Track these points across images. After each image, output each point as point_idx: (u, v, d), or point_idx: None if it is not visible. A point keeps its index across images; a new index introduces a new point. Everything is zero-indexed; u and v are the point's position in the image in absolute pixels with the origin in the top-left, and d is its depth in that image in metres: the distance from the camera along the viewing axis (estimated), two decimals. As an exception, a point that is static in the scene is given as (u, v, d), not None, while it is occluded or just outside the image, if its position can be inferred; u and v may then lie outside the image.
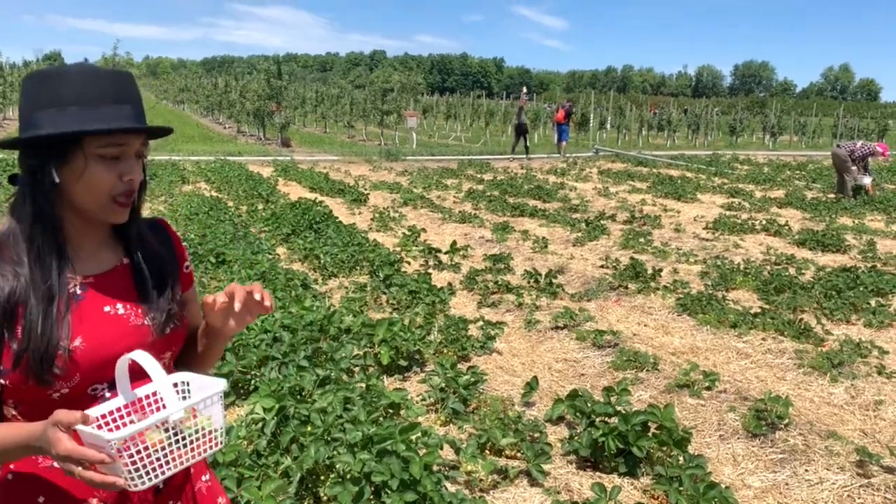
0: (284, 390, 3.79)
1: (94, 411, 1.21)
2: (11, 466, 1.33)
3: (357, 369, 4.61)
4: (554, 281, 6.88)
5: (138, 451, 1.12)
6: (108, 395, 1.31)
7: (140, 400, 1.28)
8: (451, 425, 4.08)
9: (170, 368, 1.44)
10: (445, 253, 8.10)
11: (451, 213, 11.06)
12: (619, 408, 3.88)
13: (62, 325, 1.25)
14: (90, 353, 1.28)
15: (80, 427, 1.11)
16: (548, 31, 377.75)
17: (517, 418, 3.92)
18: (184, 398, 1.30)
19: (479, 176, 16.50)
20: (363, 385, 4.12)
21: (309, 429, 3.40)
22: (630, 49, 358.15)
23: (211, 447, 1.23)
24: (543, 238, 9.10)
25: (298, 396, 3.95)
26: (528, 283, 6.96)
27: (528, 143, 22.09)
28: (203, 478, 1.53)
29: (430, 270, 7.46)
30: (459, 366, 4.68)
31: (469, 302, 6.57)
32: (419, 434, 3.35)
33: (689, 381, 4.65)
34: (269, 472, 3.21)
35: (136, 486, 1.14)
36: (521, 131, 21.73)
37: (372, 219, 10.42)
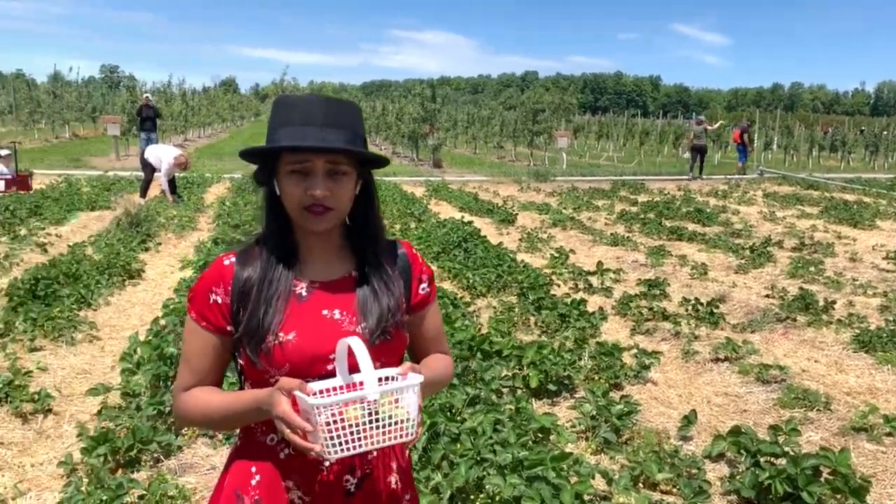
0: (436, 407, 3.83)
1: (314, 385, 1.35)
2: (239, 442, 1.54)
3: (506, 390, 4.60)
4: (715, 310, 6.54)
5: (335, 422, 1.25)
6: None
7: (355, 385, 1.37)
8: (602, 455, 3.96)
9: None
10: (593, 274, 7.93)
11: (602, 235, 10.85)
12: (786, 448, 3.61)
13: (276, 316, 1.43)
14: (300, 347, 1.42)
15: (297, 392, 1.29)
16: (708, 47, 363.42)
17: (673, 452, 3.74)
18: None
19: (632, 197, 16.10)
20: (512, 407, 4.10)
21: (459, 447, 3.42)
22: (799, 65, 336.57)
23: (402, 436, 1.31)
24: (703, 264, 8.70)
25: (449, 413, 3.99)
26: (687, 310, 6.67)
27: (703, 165, 21.70)
28: (406, 496, 1.58)
29: (580, 294, 7.33)
30: (612, 394, 4.55)
31: (621, 328, 6.39)
32: (571, 462, 3.28)
33: (867, 424, 4.25)
34: (421, 486, 3.25)
35: (329, 454, 1.26)
36: (700, 151, 21.46)
37: (520, 239, 10.42)
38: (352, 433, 1.26)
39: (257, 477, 1.47)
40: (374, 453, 1.50)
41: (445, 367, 1.62)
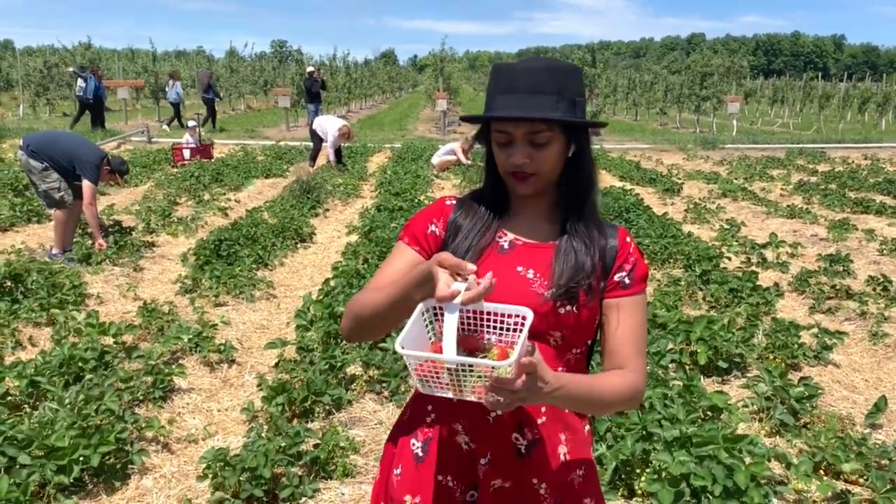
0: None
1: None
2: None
3: (672, 366, 4.43)
4: (907, 289, 5.94)
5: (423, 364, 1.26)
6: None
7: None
8: (778, 438, 3.72)
9: (562, 352, 1.49)
10: (766, 247, 7.43)
11: (776, 206, 10.14)
12: None
13: (474, 259, 1.47)
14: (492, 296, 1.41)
15: (398, 348, 1.24)
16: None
17: (861, 440, 3.45)
18: (512, 330, 1.32)
19: (811, 167, 14.92)
20: (680, 383, 3.93)
21: (626, 420, 3.33)
22: None
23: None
24: (893, 239, 7.92)
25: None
26: (874, 289, 6.11)
27: None
28: (578, 471, 1.54)
29: (753, 268, 6.90)
30: (789, 375, 4.25)
31: (799, 306, 5.96)
32: (745, 443, 3.10)
33: None
34: (584, 458, 3.20)
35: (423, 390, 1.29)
36: None
37: (686, 210, 9.95)
38: (438, 377, 1.26)
39: (433, 415, 1.52)
40: (543, 419, 1.48)
41: (614, 386, 1.42)
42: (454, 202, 1.59)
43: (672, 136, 21.84)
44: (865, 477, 3.28)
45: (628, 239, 1.55)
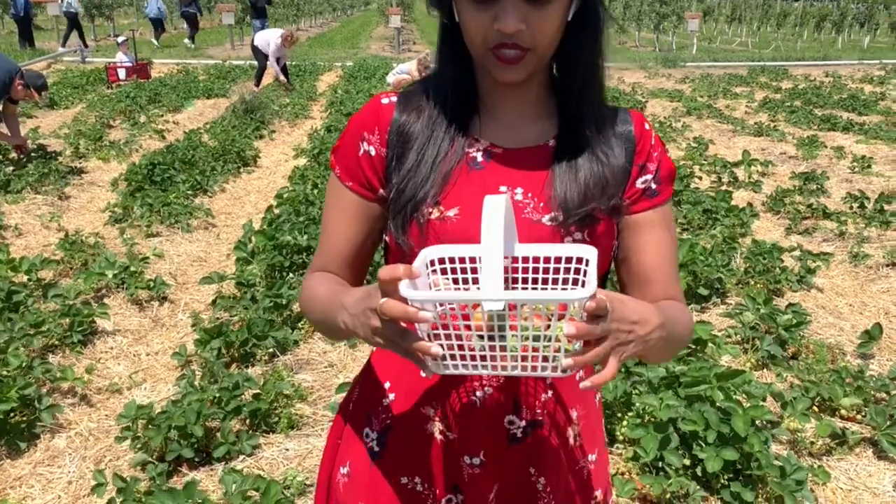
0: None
1: (431, 251, 0.93)
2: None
3: (648, 293, 4.09)
4: (886, 206, 5.68)
5: (444, 326, 0.83)
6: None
7: (517, 262, 0.94)
8: (766, 371, 3.43)
9: None
10: (738, 165, 7.09)
11: (743, 124, 9.80)
12: None
13: (437, 184, 1.04)
14: (463, 229, 1.01)
15: (401, 285, 0.82)
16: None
17: (858, 373, 3.16)
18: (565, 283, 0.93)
19: (774, 84, 14.60)
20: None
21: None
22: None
23: (542, 368, 0.84)
24: (863, 157, 7.66)
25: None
26: (851, 208, 5.84)
27: None
28: (590, 456, 1.15)
29: (724, 188, 6.58)
30: (773, 302, 3.95)
31: (774, 227, 5.66)
32: (740, 382, 2.78)
33: None
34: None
35: (438, 368, 0.86)
36: None
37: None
38: (461, 346, 0.84)
39: (391, 396, 1.12)
40: (549, 393, 1.07)
41: (682, 313, 1.05)
42: (394, 100, 1.10)
43: (632, 55, 21.29)
44: (863, 413, 3.01)
45: (647, 125, 1.10)
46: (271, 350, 3.49)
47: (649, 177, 1.07)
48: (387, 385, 1.12)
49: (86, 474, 2.69)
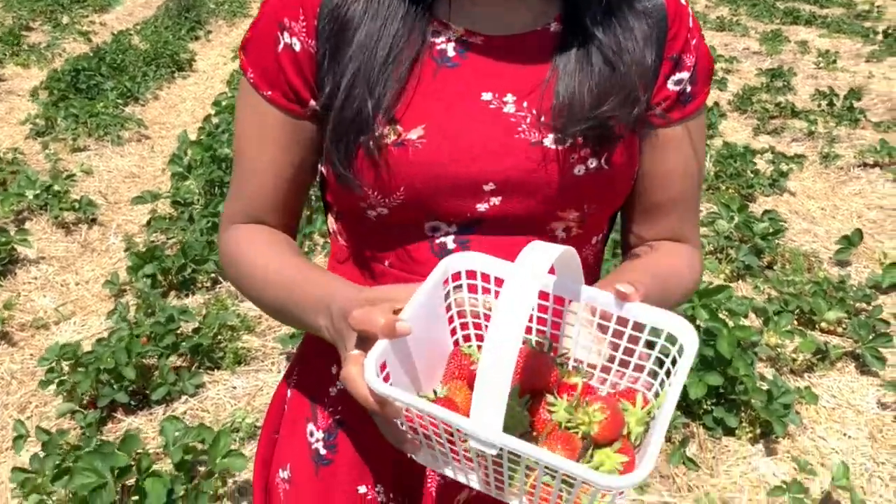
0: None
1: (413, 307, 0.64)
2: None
3: (617, 202, 3.87)
4: (855, 103, 5.50)
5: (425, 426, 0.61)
6: (451, 243, 0.77)
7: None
8: (742, 283, 3.27)
9: (577, 248, 0.80)
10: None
11: (705, 18, 9.44)
12: None
13: (391, 95, 0.73)
14: (431, 156, 0.73)
15: (369, 378, 0.58)
16: None
17: (840, 284, 3.02)
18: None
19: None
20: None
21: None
22: None
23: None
24: (828, 51, 7.42)
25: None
26: (819, 105, 5.64)
27: None
28: None
29: (689, 86, 6.31)
30: (749, 208, 3.76)
31: (743, 127, 5.44)
32: (723, 298, 2.59)
33: None
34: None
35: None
36: None
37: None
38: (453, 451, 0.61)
39: (339, 384, 0.87)
40: None
41: (681, 284, 0.84)
42: None
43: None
44: (844, 326, 2.88)
45: (683, 0, 0.81)
46: (213, 275, 3.19)
47: (685, 75, 0.80)
48: (333, 369, 0.85)
49: (8, 424, 2.42)
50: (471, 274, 0.68)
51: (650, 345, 0.66)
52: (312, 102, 0.78)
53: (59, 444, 2.08)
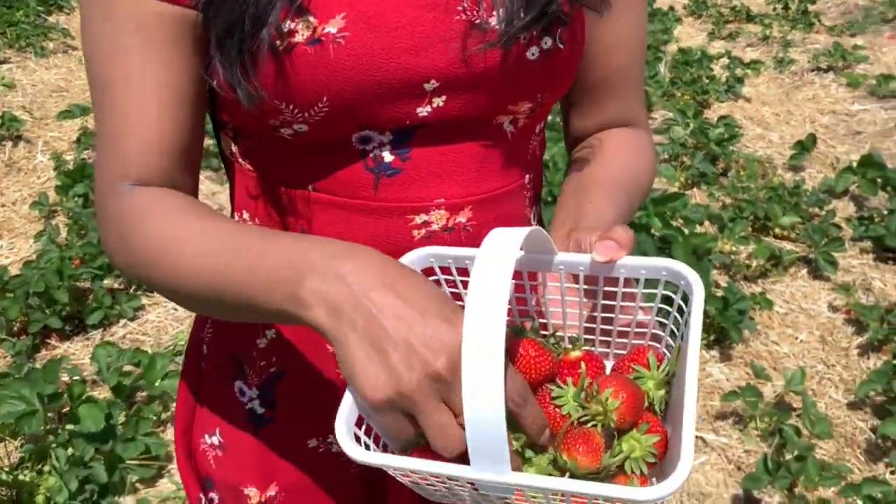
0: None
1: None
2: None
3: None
4: (810, 6, 5.41)
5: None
6: (388, 156, 0.65)
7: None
8: (697, 190, 3.23)
9: (521, 143, 0.73)
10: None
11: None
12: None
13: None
14: (356, 53, 0.59)
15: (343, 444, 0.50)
16: None
17: (794, 189, 3.00)
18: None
19: None
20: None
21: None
22: None
23: None
24: (784, -47, 7.27)
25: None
26: (774, 10, 5.54)
27: None
28: None
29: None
30: (704, 115, 3.70)
31: (697, 32, 5.32)
32: (678, 206, 2.54)
33: None
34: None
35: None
36: None
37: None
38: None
39: (271, 330, 0.74)
40: None
41: (638, 171, 0.76)
42: None
43: None
44: (797, 231, 2.87)
45: None
46: (150, 194, 3.02)
47: None
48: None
49: (-67, 354, 2.28)
50: (444, 269, 0.60)
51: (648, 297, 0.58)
52: None
53: (-14, 374, 1.97)
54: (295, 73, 0.58)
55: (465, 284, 0.60)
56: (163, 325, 2.41)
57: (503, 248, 0.48)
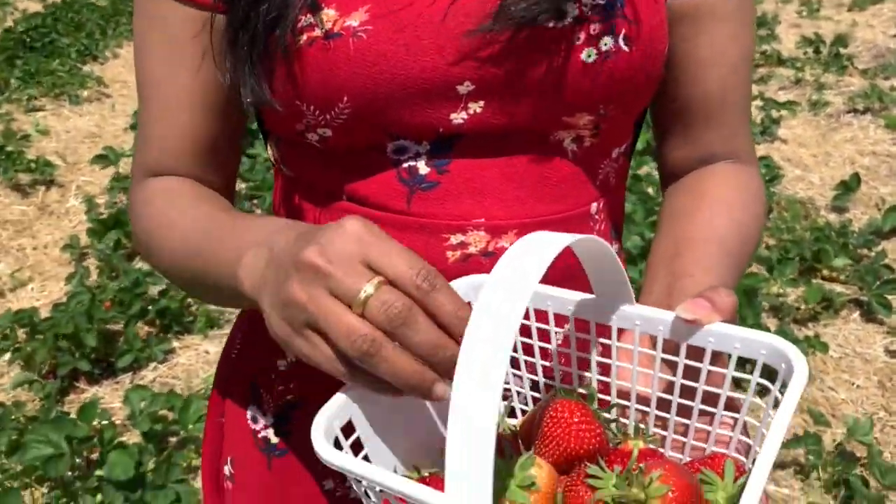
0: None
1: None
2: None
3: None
4: (842, 50, 5.37)
5: None
6: (424, 167, 0.58)
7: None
8: (738, 231, 3.14)
9: (593, 165, 0.64)
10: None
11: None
12: None
13: None
14: (379, 48, 0.54)
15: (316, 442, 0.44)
16: None
17: (842, 230, 2.90)
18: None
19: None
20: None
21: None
22: None
23: None
24: (810, 0, 7.28)
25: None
26: (806, 53, 5.50)
27: None
28: None
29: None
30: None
31: (728, 75, 5.30)
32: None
33: None
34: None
35: None
36: None
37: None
38: None
39: (289, 358, 0.70)
40: None
41: (747, 222, 0.65)
42: None
43: None
44: (847, 273, 2.76)
45: None
46: (182, 236, 2.99)
47: None
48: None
49: (-40, 398, 2.23)
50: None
51: (737, 382, 0.49)
52: None
53: (14, 417, 1.90)
54: (311, 68, 0.54)
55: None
56: (193, 368, 2.35)
57: (521, 271, 0.38)
